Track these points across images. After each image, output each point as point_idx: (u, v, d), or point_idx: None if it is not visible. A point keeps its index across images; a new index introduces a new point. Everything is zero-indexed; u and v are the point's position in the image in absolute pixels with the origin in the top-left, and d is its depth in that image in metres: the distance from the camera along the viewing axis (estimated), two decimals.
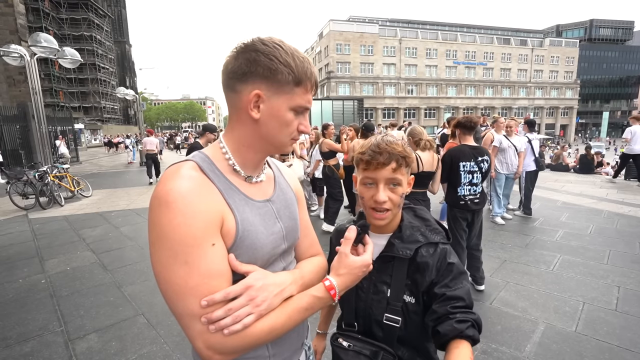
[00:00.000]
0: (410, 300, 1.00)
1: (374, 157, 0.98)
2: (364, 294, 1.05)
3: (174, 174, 0.73)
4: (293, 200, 0.96)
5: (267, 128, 0.79)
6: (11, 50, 10.08)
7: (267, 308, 0.74)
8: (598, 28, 78.04)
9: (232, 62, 0.76)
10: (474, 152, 3.35)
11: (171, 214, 0.68)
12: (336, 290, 0.81)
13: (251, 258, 0.78)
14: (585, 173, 10.56)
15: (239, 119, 0.80)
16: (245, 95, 0.76)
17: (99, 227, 6.04)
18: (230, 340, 0.70)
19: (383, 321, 1.00)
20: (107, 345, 2.69)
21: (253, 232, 0.78)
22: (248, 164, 0.84)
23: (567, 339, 2.60)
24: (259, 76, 0.74)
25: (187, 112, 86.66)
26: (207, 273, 0.70)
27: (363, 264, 0.85)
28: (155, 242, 0.70)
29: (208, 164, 0.78)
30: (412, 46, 52.66)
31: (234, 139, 0.82)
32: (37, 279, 3.95)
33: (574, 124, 63.15)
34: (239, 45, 0.77)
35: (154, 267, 0.71)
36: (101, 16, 51.39)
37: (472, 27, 63.18)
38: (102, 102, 49.69)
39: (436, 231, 1.05)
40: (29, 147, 14.62)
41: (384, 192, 0.98)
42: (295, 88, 0.77)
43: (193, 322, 0.69)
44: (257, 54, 0.74)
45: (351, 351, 1.00)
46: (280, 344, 0.86)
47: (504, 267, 3.94)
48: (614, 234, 4.94)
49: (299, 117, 0.82)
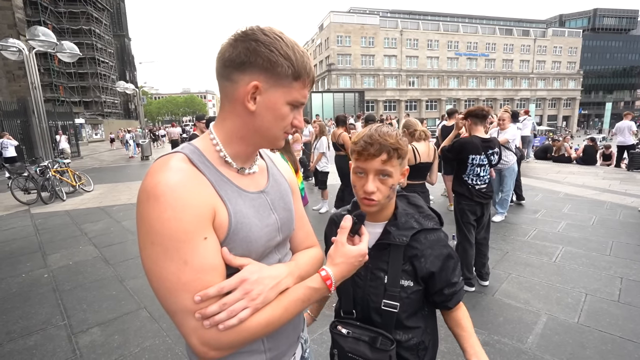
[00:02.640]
0: (408, 284, 1.04)
1: (365, 148, 0.99)
2: (362, 282, 1.07)
3: (162, 166, 0.70)
4: (287, 191, 0.94)
5: (262, 121, 0.76)
6: (9, 45, 10.05)
7: (263, 301, 0.72)
8: (602, 17, 77.15)
9: (229, 50, 0.73)
10: (485, 145, 3.24)
11: (160, 208, 0.65)
12: (332, 281, 0.80)
13: (245, 251, 0.76)
14: (588, 164, 10.51)
15: (233, 109, 0.77)
16: (242, 86, 0.73)
17: (100, 222, 6.06)
18: (226, 335, 0.68)
19: (381, 307, 1.03)
20: (110, 338, 2.71)
21: (247, 225, 0.76)
22: (240, 156, 0.81)
23: (570, 330, 2.60)
24: (258, 67, 0.72)
25: (187, 106, 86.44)
26: (200, 268, 0.67)
27: (359, 253, 0.84)
28: (144, 238, 0.67)
29: (198, 156, 0.75)
30: (414, 37, 52.15)
31: (226, 130, 0.79)
32: (39, 274, 3.97)
33: (576, 115, 62.78)
34: (237, 32, 0.74)
35: (144, 264, 0.69)
36: (100, 9, 51.00)
37: (473, 17, 62.58)
38: (102, 97, 49.56)
39: (429, 217, 1.09)
40: (29, 142, 14.65)
41: (372, 182, 1.00)
42: (294, 82, 0.75)
43: (187, 318, 0.67)
44: (257, 44, 0.71)
45: (350, 338, 1.03)
46: (276, 338, 0.85)
47: (506, 259, 3.94)
48: (616, 225, 4.92)
49: (294, 112, 0.80)
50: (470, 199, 3.21)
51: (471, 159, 3.20)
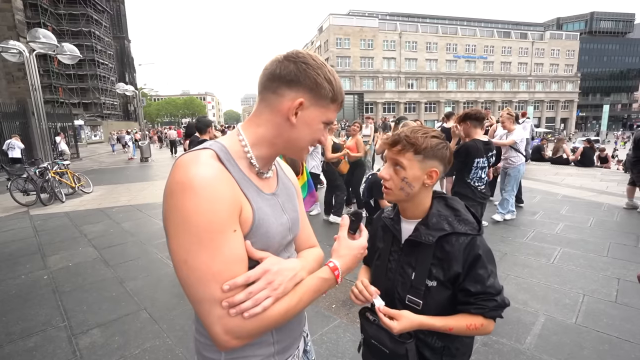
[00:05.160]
0: (432, 284, 1.06)
1: (387, 138, 1.12)
2: (392, 275, 1.15)
3: (195, 160, 0.74)
4: (294, 194, 1.01)
5: (298, 134, 0.84)
6: (10, 47, 10.05)
7: (283, 291, 0.77)
8: (599, 20, 77.51)
9: (279, 67, 0.80)
10: (486, 147, 3.32)
11: (197, 199, 0.69)
12: (339, 271, 0.86)
13: (264, 245, 0.81)
14: (586, 166, 10.55)
15: (272, 118, 0.83)
16: (287, 100, 0.80)
17: (100, 223, 6.06)
18: (249, 323, 0.72)
19: (406, 302, 1.09)
20: (110, 340, 2.71)
21: (266, 221, 0.82)
22: (263, 160, 0.86)
23: (567, 331, 2.62)
24: (304, 86, 0.80)
25: (187, 108, 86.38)
26: (230, 258, 0.72)
27: (360, 245, 0.92)
28: (178, 228, 0.70)
29: (225, 154, 0.79)
30: (412, 40, 52.35)
31: (258, 135, 0.84)
32: (39, 275, 3.97)
33: (574, 117, 62.97)
34: (289, 53, 0.82)
35: (175, 253, 0.71)
36: (100, 12, 51.00)
37: (472, 20, 62.79)
38: (101, 98, 49.47)
39: (465, 222, 1.09)
40: (29, 143, 14.60)
41: (386, 169, 1.11)
42: (331, 104, 0.84)
43: (213, 307, 0.71)
44: (307, 67, 0.79)
45: (374, 325, 1.11)
46: (283, 331, 0.89)
47: (504, 260, 3.96)
48: (614, 226, 4.95)
49: (325, 129, 0.88)
50: (474, 199, 3.27)
51: (476, 162, 3.25)
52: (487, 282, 1.03)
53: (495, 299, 1.03)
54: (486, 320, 1.05)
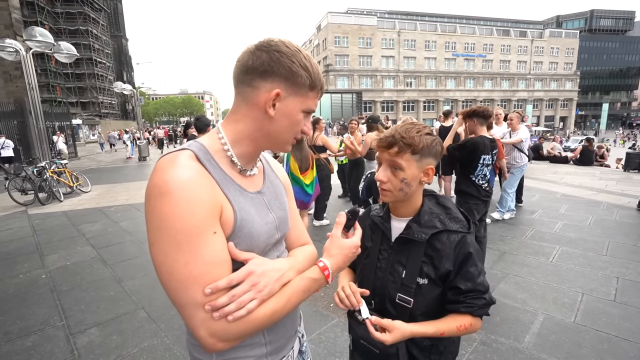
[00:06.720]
0: (423, 282, 1.05)
1: (381, 140, 1.07)
2: (382, 273, 1.12)
3: (172, 162, 0.72)
4: (282, 192, 0.98)
5: (278, 126, 0.81)
6: (6, 45, 9.99)
7: (269, 293, 0.75)
8: (598, 18, 77.51)
9: (252, 58, 0.77)
10: (491, 145, 3.29)
11: (173, 202, 0.67)
12: (330, 271, 0.84)
13: (249, 246, 0.79)
14: (585, 165, 10.56)
15: (249, 113, 0.80)
16: (263, 92, 0.77)
17: (98, 222, 6.04)
18: (234, 326, 0.70)
19: (396, 300, 1.07)
20: (108, 339, 2.70)
21: (250, 221, 0.79)
22: (245, 157, 0.84)
23: (566, 330, 2.62)
24: (280, 76, 0.76)
25: (185, 107, 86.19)
26: (210, 261, 0.70)
27: (353, 244, 0.89)
28: (156, 232, 0.69)
29: (204, 154, 0.77)
30: (411, 38, 52.29)
31: (237, 132, 0.82)
32: (37, 274, 3.96)
33: (573, 115, 63.06)
34: (261, 42, 0.78)
35: (155, 258, 0.70)
36: (97, 10, 50.88)
37: (471, 18, 62.68)
38: (99, 97, 49.41)
39: (456, 219, 1.09)
40: (26, 143, 14.58)
41: (383, 172, 1.08)
42: (309, 92, 0.81)
43: (196, 310, 0.69)
44: (280, 55, 0.76)
45: (363, 325, 1.06)
46: (275, 331, 0.88)
47: (503, 259, 3.95)
48: (613, 225, 4.95)
49: (305, 119, 0.84)
50: (478, 198, 3.25)
51: (482, 159, 3.21)
52: (478, 279, 1.03)
53: (484, 297, 1.03)
54: (474, 318, 1.04)
